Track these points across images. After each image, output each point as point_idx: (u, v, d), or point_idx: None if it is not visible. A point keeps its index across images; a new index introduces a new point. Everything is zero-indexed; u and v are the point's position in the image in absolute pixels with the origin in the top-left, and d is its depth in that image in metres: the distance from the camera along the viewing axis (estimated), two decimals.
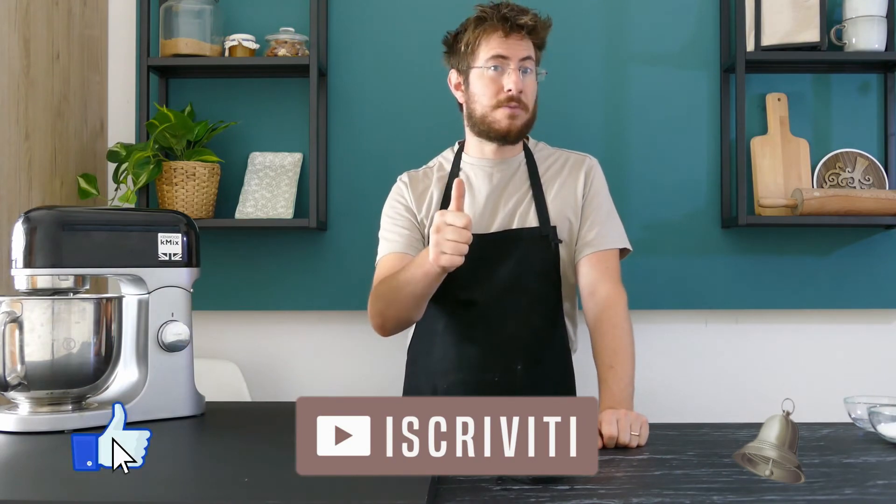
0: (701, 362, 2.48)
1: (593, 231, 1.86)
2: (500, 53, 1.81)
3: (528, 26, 1.81)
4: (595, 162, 1.94)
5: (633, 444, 1.40)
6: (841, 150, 2.42)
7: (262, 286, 2.48)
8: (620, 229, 1.90)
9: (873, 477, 1.20)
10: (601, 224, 1.87)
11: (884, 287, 2.44)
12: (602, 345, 1.75)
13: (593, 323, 1.80)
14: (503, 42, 1.81)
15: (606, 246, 1.85)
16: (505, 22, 1.81)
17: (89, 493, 1.03)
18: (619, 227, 1.90)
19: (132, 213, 1.77)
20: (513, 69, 1.80)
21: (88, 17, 2.44)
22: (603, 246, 1.85)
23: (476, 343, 1.84)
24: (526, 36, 1.83)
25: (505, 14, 1.81)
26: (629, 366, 1.72)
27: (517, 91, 1.80)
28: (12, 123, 2.07)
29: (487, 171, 1.91)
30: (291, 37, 2.39)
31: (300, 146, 2.47)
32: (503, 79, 1.81)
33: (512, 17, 1.81)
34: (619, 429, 1.40)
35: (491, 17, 1.82)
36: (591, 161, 1.94)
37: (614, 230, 1.88)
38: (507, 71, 1.81)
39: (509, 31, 1.81)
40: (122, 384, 1.56)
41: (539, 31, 1.85)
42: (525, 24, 1.81)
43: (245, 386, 2.40)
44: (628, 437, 1.40)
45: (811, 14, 2.32)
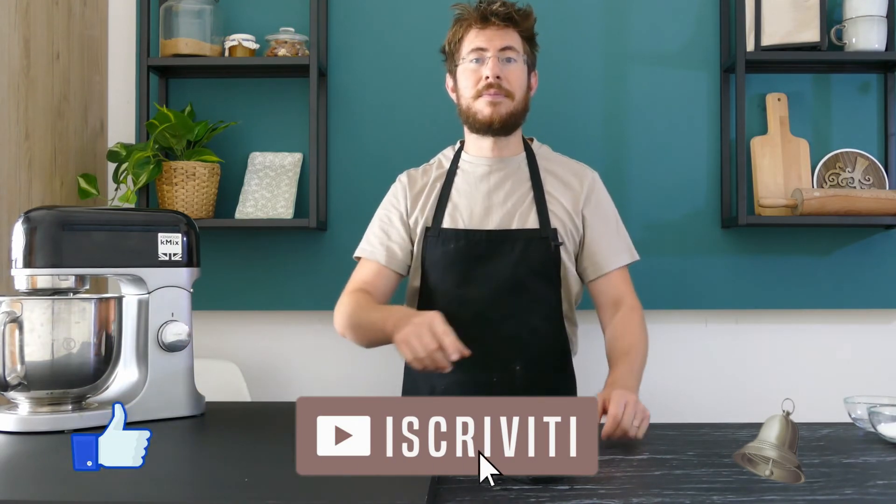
0: (701, 362, 2.48)
1: (607, 248, 1.89)
2: (478, 46, 1.85)
3: (501, 13, 1.85)
4: (597, 174, 1.98)
5: (632, 434, 1.41)
6: (841, 150, 2.42)
7: (262, 286, 2.48)
8: (628, 241, 1.95)
9: (873, 477, 1.20)
10: (613, 240, 1.90)
11: (884, 287, 2.43)
12: (618, 342, 1.79)
13: (612, 329, 1.83)
14: (480, 34, 1.86)
15: (620, 263, 1.89)
16: (478, 14, 1.86)
17: (89, 493, 1.03)
18: (627, 240, 1.94)
19: (132, 213, 1.77)
20: (490, 56, 1.84)
21: (88, 17, 2.44)
22: (618, 264, 1.89)
23: (474, 342, 1.84)
24: (505, 26, 1.86)
25: (477, 7, 1.87)
26: (642, 359, 1.76)
27: (494, 77, 1.83)
28: (12, 123, 2.07)
29: (486, 168, 1.91)
30: (291, 37, 2.39)
31: (300, 146, 2.47)
32: (482, 68, 1.84)
33: (482, 8, 1.86)
34: (624, 413, 1.41)
35: (466, 13, 1.89)
36: (594, 173, 1.97)
37: (624, 245, 1.92)
38: (486, 60, 1.84)
39: (484, 23, 1.85)
40: (122, 384, 1.56)
41: (517, 20, 1.87)
42: (497, 11, 1.84)
43: (245, 386, 2.39)
44: (630, 424, 1.41)
45: (811, 14, 2.31)
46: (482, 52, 1.84)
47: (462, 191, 1.91)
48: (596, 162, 2.12)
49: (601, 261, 1.88)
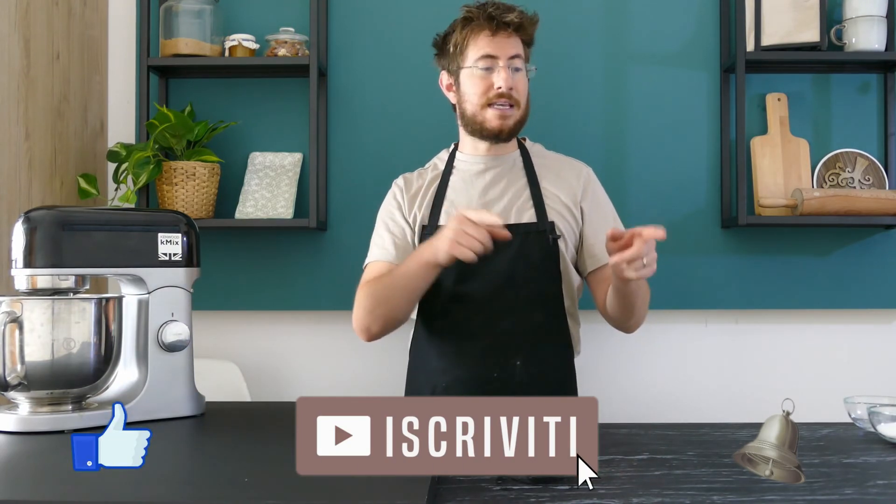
0: (701, 362, 2.48)
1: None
2: (489, 53, 1.83)
3: (515, 24, 1.83)
4: (591, 169, 1.98)
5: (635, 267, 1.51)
6: (841, 150, 2.42)
7: (262, 286, 2.48)
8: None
9: (873, 477, 1.20)
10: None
11: (884, 287, 2.43)
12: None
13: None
14: (491, 41, 1.83)
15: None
16: (491, 21, 1.83)
17: (89, 493, 1.03)
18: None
19: (132, 213, 1.77)
20: (502, 66, 1.82)
21: (88, 17, 2.44)
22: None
23: (474, 339, 1.84)
24: (513, 33, 1.85)
25: (491, 13, 1.83)
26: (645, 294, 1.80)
27: (507, 88, 1.82)
28: (12, 123, 2.07)
29: (481, 166, 1.92)
30: (291, 37, 2.39)
31: (300, 146, 2.47)
32: (493, 77, 1.83)
33: (498, 15, 1.83)
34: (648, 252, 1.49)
35: (477, 17, 1.85)
36: (588, 168, 1.98)
37: None
38: (497, 69, 1.83)
39: (496, 30, 1.83)
40: (122, 384, 1.56)
41: (526, 28, 1.86)
42: (511, 21, 1.83)
43: (245, 386, 2.40)
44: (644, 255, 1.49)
45: (811, 14, 2.32)
46: (492, 59, 1.83)
47: (458, 189, 1.91)
48: (596, 161, 2.12)
49: (599, 252, 1.87)
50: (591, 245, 1.88)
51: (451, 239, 1.59)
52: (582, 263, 1.91)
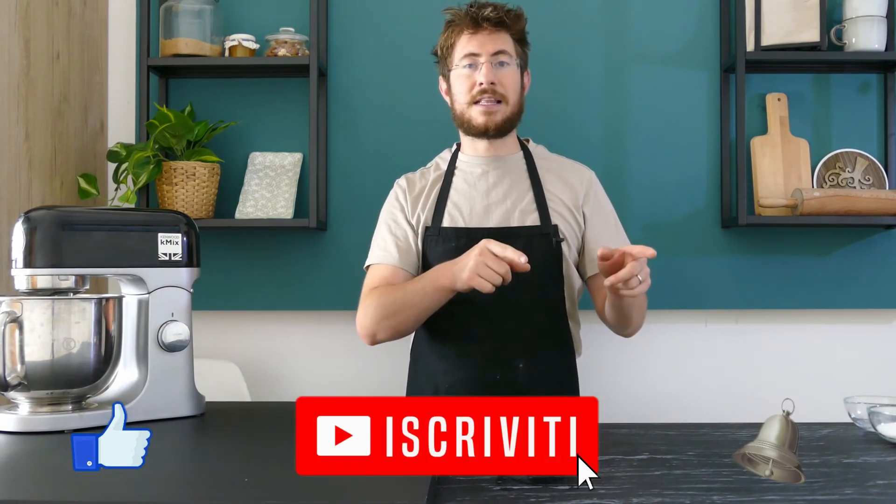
0: (701, 362, 2.48)
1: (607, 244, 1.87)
2: (471, 51, 1.85)
3: (493, 19, 1.84)
4: (594, 173, 1.98)
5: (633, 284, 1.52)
6: (841, 150, 2.42)
7: (262, 286, 2.48)
8: (626, 239, 1.95)
9: (873, 477, 1.20)
10: (613, 237, 1.91)
11: (884, 287, 2.43)
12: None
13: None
14: (472, 39, 1.86)
15: None
16: (471, 19, 1.85)
17: (89, 493, 1.03)
18: (625, 238, 1.95)
19: (132, 213, 1.77)
20: (483, 62, 1.84)
21: (88, 17, 2.44)
22: None
23: (476, 340, 1.84)
24: (497, 30, 1.85)
25: (468, 12, 1.86)
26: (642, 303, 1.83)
27: (488, 83, 1.83)
28: (12, 123, 2.07)
29: (483, 168, 1.92)
30: (291, 37, 2.39)
31: (300, 146, 2.47)
32: (476, 74, 1.84)
33: (475, 13, 1.85)
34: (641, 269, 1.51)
35: (458, 18, 1.88)
36: (591, 172, 1.98)
37: (622, 242, 1.92)
38: (479, 66, 1.84)
39: (476, 28, 1.85)
40: (122, 384, 1.56)
41: (509, 23, 1.86)
42: (489, 17, 1.84)
43: (245, 386, 2.40)
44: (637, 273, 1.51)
45: (811, 14, 2.31)
46: (475, 57, 1.85)
47: (461, 190, 1.91)
48: (596, 162, 2.12)
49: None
50: (592, 250, 1.88)
51: (472, 270, 1.60)
52: (582, 267, 1.91)
